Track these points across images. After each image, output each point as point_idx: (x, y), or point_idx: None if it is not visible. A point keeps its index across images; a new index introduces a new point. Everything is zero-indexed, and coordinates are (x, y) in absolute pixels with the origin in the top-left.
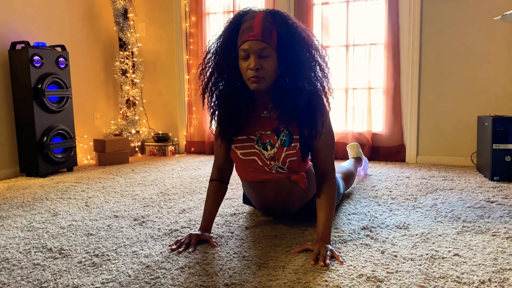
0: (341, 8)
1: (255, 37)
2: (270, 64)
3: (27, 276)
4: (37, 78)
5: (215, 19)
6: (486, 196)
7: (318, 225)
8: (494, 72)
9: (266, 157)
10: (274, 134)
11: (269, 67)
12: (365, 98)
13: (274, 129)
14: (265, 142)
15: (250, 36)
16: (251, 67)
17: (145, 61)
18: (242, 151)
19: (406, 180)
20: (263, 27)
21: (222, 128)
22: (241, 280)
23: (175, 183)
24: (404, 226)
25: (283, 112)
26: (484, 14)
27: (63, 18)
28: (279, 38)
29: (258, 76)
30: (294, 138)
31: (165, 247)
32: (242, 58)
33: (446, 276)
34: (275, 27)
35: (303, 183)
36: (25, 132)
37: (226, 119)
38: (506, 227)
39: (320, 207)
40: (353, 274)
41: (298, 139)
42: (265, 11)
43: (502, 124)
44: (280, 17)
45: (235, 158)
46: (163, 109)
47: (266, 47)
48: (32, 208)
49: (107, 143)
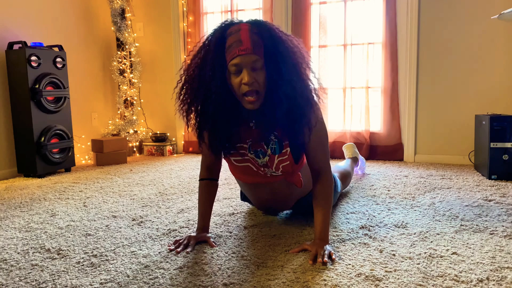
0: (338, 7)
1: (247, 51)
2: (262, 76)
3: (25, 276)
4: (34, 78)
5: (213, 19)
6: (484, 194)
7: (316, 225)
8: (491, 71)
9: (259, 164)
10: (263, 143)
11: (262, 79)
12: (363, 97)
13: (262, 138)
14: (257, 150)
15: (241, 51)
16: (246, 81)
17: (143, 61)
18: (235, 158)
19: (404, 179)
20: (252, 39)
21: (212, 145)
22: (240, 280)
23: (173, 183)
24: (402, 225)
25: (265, 123)
26: (482, 13)
27: (60, 18)
28: (265, 49)
29: (253, 90)
30: (284, 144)
31: (163, 247)
32: (233, 73)
33: (444, 275)
34: (261, 38)
35: (299, 182)
36: (23, 133)
37: (217, 136)
38: (504, 226)
39: (317, 207)
40: (352, 273)
41: (287, 144)
42: (249, 23)
43: (500, 122)
44: (265, 27)
45: (229, 163)
46: (161, 109)
47: (258, 59)
48: (30, 209)
49: (105, 143)
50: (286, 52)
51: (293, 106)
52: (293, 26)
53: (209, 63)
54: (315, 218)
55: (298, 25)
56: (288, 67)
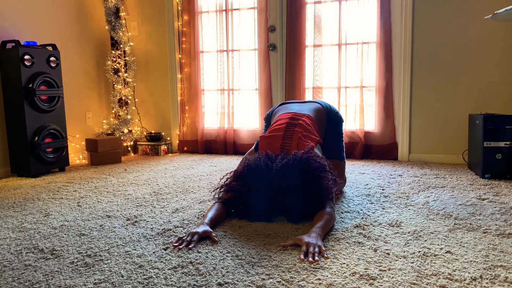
0: (333, 7)
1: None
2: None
3: (18, 277)
4: (28, 78)
5: (208, 18)
6: (478, 193)
7: (313, 223)
8: (485, 70)
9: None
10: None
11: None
12: (358, 96)
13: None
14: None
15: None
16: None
17: (137, 60)
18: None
19: (398, 178)
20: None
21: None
22: (234, 279)
23: (168, 182)
24: (397, 224)
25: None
26: (476, 13)
27: (54, 17)
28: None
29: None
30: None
31: (158, 246)
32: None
33: (438, 273)
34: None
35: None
36: (16, 132)
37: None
38: (497, 224)
39: (319, 217)
40: (346, 272)
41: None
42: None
43: (493, 122)
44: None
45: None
46: (155, 108)
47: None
48: (24, 209)
49: (99, 143)
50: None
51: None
52: (288, 26)
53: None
54: (314, 220)
55: (293, 25)
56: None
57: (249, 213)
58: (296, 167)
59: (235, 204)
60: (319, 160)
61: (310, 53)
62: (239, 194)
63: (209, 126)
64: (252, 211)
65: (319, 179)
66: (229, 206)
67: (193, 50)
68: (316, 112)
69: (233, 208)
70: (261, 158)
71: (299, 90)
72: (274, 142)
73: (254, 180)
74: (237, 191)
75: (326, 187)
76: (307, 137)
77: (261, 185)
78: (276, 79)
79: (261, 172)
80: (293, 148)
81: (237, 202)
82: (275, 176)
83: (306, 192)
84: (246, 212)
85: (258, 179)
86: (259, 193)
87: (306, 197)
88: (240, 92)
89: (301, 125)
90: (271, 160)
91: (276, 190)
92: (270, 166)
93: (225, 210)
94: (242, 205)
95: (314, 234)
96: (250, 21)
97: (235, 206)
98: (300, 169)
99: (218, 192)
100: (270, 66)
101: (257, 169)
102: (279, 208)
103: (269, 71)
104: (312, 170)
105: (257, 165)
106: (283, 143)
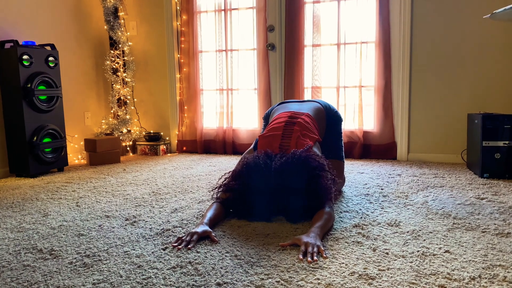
0: (332, 7)
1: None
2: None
3: (17, 277)
4: (26, 78)
5: (207, 18)
6: (476, 193)
7: (313, 222)
8: (484, 70)
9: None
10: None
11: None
12: (356, 96)
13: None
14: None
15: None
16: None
17: (136, 60)
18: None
19: (397, 178)
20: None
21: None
22: (233, 279)
23: (167, 182)
24: (396, 224)
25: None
26: (475, 12)
27: (53, 17)
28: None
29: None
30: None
31: (157, 247)
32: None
33: (437, 273)
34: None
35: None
36: (15, 132)
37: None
38: (496, 224)
39: (318, 217)
40: (345, 271)
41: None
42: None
43: (492, 121)
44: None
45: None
46: (154, 108)
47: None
48: (22, 209)
49: (98, 143)
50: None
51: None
52: (287, 25)
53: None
54: (313, 219)
55: (291, 24)
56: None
57: (248, 212)
58: (295, 165)
59: (234, 204)
60: (318, 159)
61: (309, 52)
62: (238, 193)
63: (208, 126)
64: (251, 210)
65: (318, 178)
66: (228, 206)
67: (192, 49)
68: (315, 111)
69: (232, 207)
70: (260, 157)
71: (298, 89)
72: (273, 141)
73: (253, 179)
74: (235, 191)
75: (325, 186)
76: (306, 136)
77: (260, 184)
78: (275, 78)
79: (260, 170)
80: (292, 147)
81: (236, 202)
82: (274, 175)
83: (305, 191)
84: (245, 212)
85: (257, 178)
86: (258, 192)
87: (305, 197)
88: (239, 92)
89: (300, 123)
90: (270, 158)
91: (275, 189)
92: (269, 164)
93: (224, 210)
94: (241, 205)
95: (313, 234)
96: (249, 20)
97: (234, 205)
98: (299, 168)
99: (217, 192)
100: (269, 66)
101: (256, 167)
102: (278, 208)
103: (268, 71)
104: (311, 169)
105: (256, 164)
106: (281, 143)
